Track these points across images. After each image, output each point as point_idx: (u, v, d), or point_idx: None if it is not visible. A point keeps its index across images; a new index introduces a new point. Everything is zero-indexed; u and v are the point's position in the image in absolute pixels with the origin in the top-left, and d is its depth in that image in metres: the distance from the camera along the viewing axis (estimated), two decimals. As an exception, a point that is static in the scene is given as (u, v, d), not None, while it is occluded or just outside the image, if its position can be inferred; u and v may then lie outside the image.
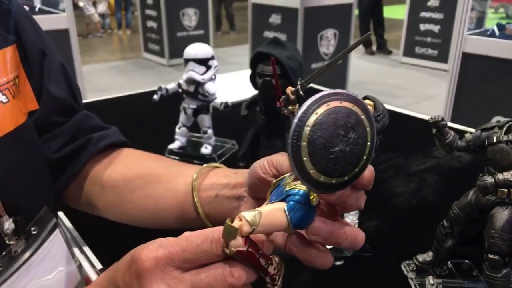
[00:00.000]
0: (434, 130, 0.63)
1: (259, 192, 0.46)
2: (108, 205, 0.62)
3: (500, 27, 2.55)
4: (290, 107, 0.37)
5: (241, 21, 7.79)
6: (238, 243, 0.32)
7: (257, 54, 0.87)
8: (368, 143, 0.32)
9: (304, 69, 0.89)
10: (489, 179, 0.54)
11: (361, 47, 6.35)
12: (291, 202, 0.33)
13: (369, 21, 6.17)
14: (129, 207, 0.60)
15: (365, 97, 0.39)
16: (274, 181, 0.38)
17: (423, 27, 5.46)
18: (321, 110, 0.30)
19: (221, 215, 0.51)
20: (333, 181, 0.32)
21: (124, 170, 0.61)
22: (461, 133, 0.63)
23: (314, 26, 4.04)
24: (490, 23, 2.81)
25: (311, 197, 0.34)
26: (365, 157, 0.32)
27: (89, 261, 0.73)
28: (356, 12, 4.58)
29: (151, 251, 0.34)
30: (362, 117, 0.32)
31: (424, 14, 5.41)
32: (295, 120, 0.30)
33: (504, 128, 0.58)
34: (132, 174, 0.60)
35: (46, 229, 0.52)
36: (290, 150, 0.30)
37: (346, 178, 0.32)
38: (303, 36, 3.96)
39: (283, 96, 0.37)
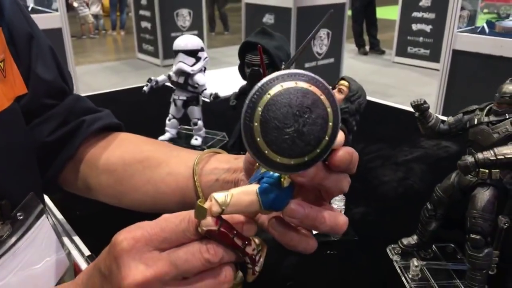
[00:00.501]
0: (416, 114, 0.64)
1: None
2: (107, 189, 0.62)
3: (490, 24, 2.58)
4: None
5: (235, 22, 7.80)
6: (208, 223, 0.32)
7: (246, 44, 0.87)
8: (330, 124, 0.31)
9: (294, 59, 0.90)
10: (470, 159, 0.55)
11: (354, 48, 6.38)
12: (264, 185, 0.34)
13: (362, 21, 6.20)
14: (129, 191, 0.59)
15: (342, 78, 0.39)
16: (257, 163, 0.38)
17: (415, 27, 5.50)
18: (274, 91, 0.30)
19: None
20: (292, 162, 0.31)
21: (122, 154, 0.61)
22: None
23: (307, 26, 4.07)
24: (481, 23, 2.83)
25: (281, 179, 0.34)
26: (327, 138, 0.32)
27: (78, 249, 0.73)
28: (349, 12, 4.61)
29: (129, 232, 0.34)
30: (322, 97, 0.31)
31: (416, 14, 5.45)
32: (247, 101, 0.30)
33: (485, 110, 0.60)
34: (131, 158, 0.60)
35: (32, 214, 0.52)
36: (243, 131, 0.30)
37: (306, 159, 0.32)
38: (296, 35, 3.99)
39: None
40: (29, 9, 3.25)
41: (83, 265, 0.70)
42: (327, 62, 4.38)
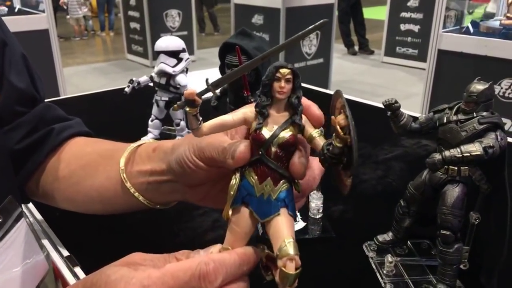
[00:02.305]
0: (388, 113, 0.65)
1: (188, 180, 0.46)
2: (59, 195, 0.61)
3: (474, 24, 2.61)
4: (188, 109, 0.35)
5: (225, 22, 7.81)
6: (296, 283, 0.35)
7: (225, 45, 0.88)
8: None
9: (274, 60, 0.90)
10: (437, 156, 0.56)
11: (343, 48, 6.41)
12: (291, 204, 0.36)
13: (348, 21, 6.22)
14: (78, 197, 0.59)
15: (280, 66, 0.35)
16: (232, 192, 0.37)
17: (403, 27, 5.55)
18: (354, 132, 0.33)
19: (163, 196, 0.51)
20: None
21: (69, 160, 0.60)
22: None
23: (296, 26, 4.08)
24: (468, 23, 2.87)
25: (297, 188, 0.38)
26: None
27: (57, 250, 0.73)
28: (336, 13, 4.64)
29: None
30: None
31: (404, 14, 5.49)
32: (355, 153, 0.33)
33: (454, 109, 0.61)
34: (75, 164, 0.59)
35: (11, 217, 0.52)
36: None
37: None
38: (286, 35, 4.00)
39: (178, 102, 0.36)
40: (16, 10, 3.23)
41: (61, 266, 0.70)
42: (316, 62, 4.40)
